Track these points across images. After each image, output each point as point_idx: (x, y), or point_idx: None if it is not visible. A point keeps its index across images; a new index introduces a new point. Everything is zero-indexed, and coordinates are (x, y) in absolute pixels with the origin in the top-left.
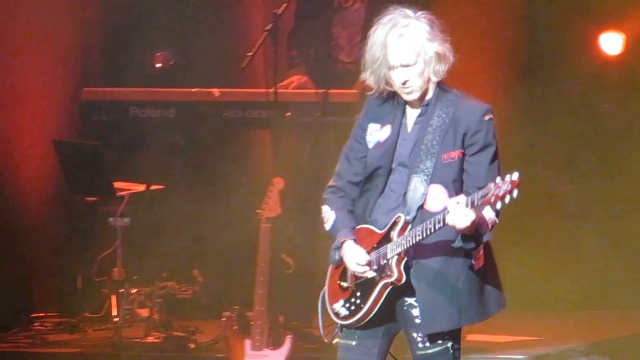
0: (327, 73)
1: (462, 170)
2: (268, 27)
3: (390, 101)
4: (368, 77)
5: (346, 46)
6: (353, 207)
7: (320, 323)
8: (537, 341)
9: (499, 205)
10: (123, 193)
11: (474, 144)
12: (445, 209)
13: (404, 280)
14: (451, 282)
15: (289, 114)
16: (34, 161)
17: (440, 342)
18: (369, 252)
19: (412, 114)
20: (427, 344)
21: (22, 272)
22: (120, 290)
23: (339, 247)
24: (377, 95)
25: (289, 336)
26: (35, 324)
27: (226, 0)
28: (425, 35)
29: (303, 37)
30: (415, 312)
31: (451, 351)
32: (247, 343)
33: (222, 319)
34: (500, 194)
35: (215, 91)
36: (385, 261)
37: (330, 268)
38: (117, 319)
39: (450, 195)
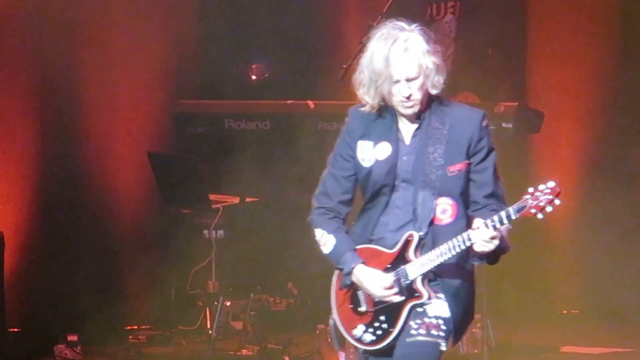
0: None
1: (468, 181)
2: (364, 39)
3: (379, 117)
4: (365, 94)
5: None
6: (346, 228)
7: (340, 353)
8: (631, 353)
9: (540, 216)
10: (218, 205)
11: (479, 152)
12: (468, 226)
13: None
14: (465, 298)
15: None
16: (129, 172)
17: (435, 333)
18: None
19: (407, 128)
20: (422, 331)
21: (117, 284)
22: (215, 303)
23: (350, 272)
24: (362, 112)
25: None
26: (130, 337)
27: (322, 12)
28: (424, 48)
29: None
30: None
31: (440, 348)
32: (341, 356)
33: (317, 332)
34: (542, 204)
35: (311, 103)
36: (407, 282)
37: (334, 294)
38: (211, 332)
39: (459, 208)
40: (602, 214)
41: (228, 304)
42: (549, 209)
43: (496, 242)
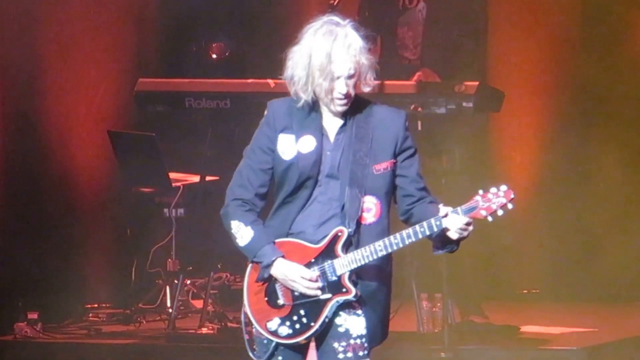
0: (393, 68)
1: (392, 181)
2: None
3: (302, 111)
4: (301, 90)
5: (411, 45)
6: (261, 221)
7: (246, 344)
8: (591, 333)
9: (490, 219)
10: (178, 184)
11: (405, 150)
12: (389, 227)
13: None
14: (384, 299)
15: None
16: (90, 151)
17: (361, 354)
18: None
19: (331, 123)
20: (349, 355)
21: (76, 262)
22: (175, 282)
23: (270, 265)
24: (284, 105)
25: None
26: (89, 315)
27: None
28: (361, 44)
29: (366, 32)
30: (339, 320)
31: None
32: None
33: None
34: (494, 208)
35: (271, 82)
36: (335, 277)
37: (246, 287)
38: (171, 311)
39: (382, 207)
40: (561, 192)
41: (188, 282)
42: (500, 212)
43: (472, 227)
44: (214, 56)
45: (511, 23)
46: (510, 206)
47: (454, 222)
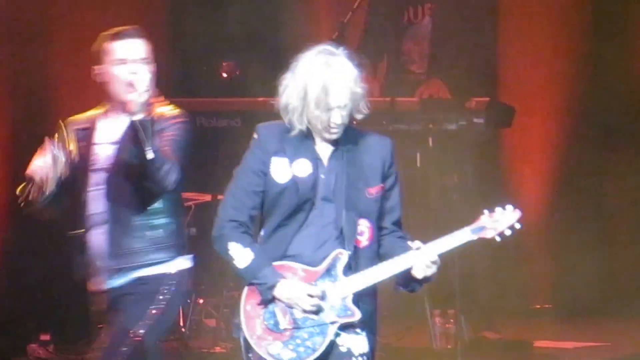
0: (400, 83)
1: (382, 204)
2: (334, 36)
3: (294, 135)
4: (297, 119)
5: (417, 59)
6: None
7: None
8: (605, 347)
9: (498, 239)
10: (190, 203)
11: (390, 176)
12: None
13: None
14: (376, 320)
15: (355, 122)
16: None
17: None
18: None
19: (323, 148)
20: None
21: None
22: (188, 301)
23: (273, 287)
24: (275, 129)
25: None
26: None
27: (292, 10)
28: (356, 74)
29: (372, 49)
30: (340, 340)
31: None
32: None
33: None
34: (501, 228)
35: None
36: (338, 300)
37: (243, 310)
38: (184, 330)
39: (374, 231)
40: (573, 209)
41: (201, 301)
42: (508, 233)
43: (436, 267)
44: (225, 75)
45: (521, 38)
46: (518, 226)
47: (420, 259)
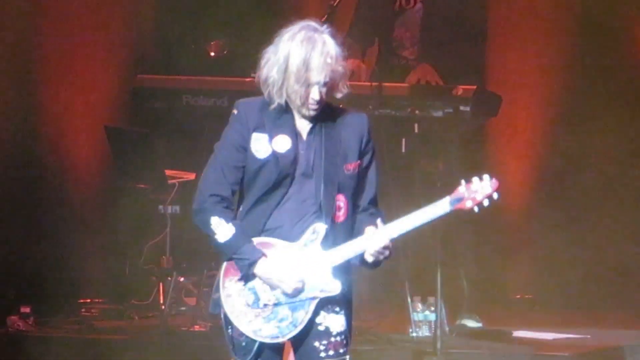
0: (391, 69)
1: (358, 181)
2: (323, 19)
3: (273, 111)
4: (276, 92)
5: (409, 45)
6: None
7: (230, 347)
8: (584, 339)
9: (476, 209)
10: (174, 181)
11: (367, 154)
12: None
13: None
14: (352, 299)
15: (341, 105)
16: (86, 146)
17: (342, 351)
18: None
19: (302, 124)
20: (330, 352)
21: (70, 257)
22: (168, 279)
23: (254, 263)
24: (254, 105)
25: None
26: (82, 310)
27: None
28: (338, 52)
29: (362, 34)
30: (319, 319)
31: None
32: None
33: None
34: (479, 198)
35: None
36: (319, 274)
37: (222, 286)
38: (164, 307)
39: (349, 207)
40: (556, 198)
41: (181, 279)
42: (486, 203)
43: (387, 252)
44: (212, 54)
45: (510, 28)
46: (495, 196)
47: (373, 242)
